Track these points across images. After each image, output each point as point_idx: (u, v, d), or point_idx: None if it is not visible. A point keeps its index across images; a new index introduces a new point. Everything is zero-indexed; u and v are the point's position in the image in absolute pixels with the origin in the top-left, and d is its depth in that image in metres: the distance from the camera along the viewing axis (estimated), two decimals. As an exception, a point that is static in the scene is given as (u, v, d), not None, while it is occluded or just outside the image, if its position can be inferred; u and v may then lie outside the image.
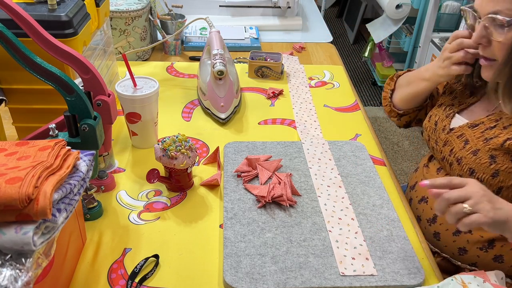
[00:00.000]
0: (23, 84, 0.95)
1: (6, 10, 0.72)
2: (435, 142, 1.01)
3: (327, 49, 1.66)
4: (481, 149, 0.88)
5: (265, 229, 0.86)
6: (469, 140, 0.91)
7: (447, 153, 0.96)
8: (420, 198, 1.02)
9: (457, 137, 0.94)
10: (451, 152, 0.94)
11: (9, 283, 0.53)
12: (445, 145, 0.97)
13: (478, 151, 0.89)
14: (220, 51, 1.22)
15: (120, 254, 0.81)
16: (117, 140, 1.10)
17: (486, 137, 0.89)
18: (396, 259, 0.81)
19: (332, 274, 0.77)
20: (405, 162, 2.54)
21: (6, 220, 0.56)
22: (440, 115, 1.02)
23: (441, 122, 1.00)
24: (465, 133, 0.93)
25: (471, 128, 0.93)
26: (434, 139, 1.01)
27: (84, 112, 0.75)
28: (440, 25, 2.63)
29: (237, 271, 0.77)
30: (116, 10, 1.37)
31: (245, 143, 1.09)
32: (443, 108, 1.03)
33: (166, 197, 0.94)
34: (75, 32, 0.90)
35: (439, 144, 0.99)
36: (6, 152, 0.65)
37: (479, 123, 0.92)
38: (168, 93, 1.30)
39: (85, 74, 0.79)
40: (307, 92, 1.34)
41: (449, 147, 0.96)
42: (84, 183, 0.68)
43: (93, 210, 0.87)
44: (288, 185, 0.94)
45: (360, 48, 3.83)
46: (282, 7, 1.78)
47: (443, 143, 0.98)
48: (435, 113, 1.04)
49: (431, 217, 0.99)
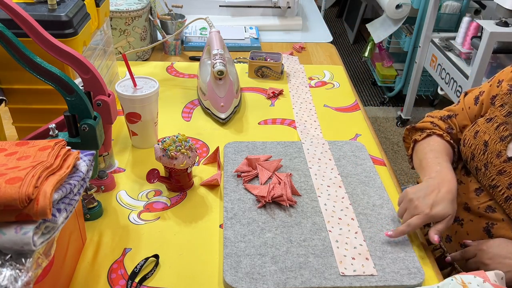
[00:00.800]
0: (23, 84, 0.95)
1: (6, 10, 0.72)
2: (484, 166, 0.88)
3: (327, 49, 1.66)
4: None
5: (265, 229, 0.86)
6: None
7: (503, 185, 0.84)
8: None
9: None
10: (511, 185, 0.83)
11: (9, 283, 0.53)
12: (501, 174, 0.85)
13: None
14: (220, 51, 1.22)
15: (120, 254, 0.81)
16: (117, 140, 1.10)
17: None
18: (396, 259, 0.81)
19: (332, 274, 0.77)
20: (405, 162, 2.54)
21: (6, 220, 0.56)
22: (491, 135, 0.88)
23: (493, 145, 0.87)
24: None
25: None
26: (482, 162, 0.89)
27: (84, 112, 0.75)
28: (440, 25, 2.63)
29: (237, 271, 0.77)
30: (116, 10, 1.37)
31: (245, 143, 1.09)
32: (494, 125, 0.89)
33: (166, 197, 0.94)
34: (75, 32, 0.90)
35: (490, 170, 0.87)
36: (6, 152, 0.65)
37: None
38: (168, 93, 1.30)
39: (85, 74, 0.79)
40: (307, 92, 1.34)
41: (507, 178, 0.84)
42: (84, 183, 0.68)
43: (93, 210, 0.87)
44: (288, 185, 0.94)
45: (360, 48, 3.83)
46: (282, 7, 1.78)
47: (497, 171, 0.86)
48: (483, 129, 0.91)
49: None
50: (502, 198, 0.85)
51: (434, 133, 0.99)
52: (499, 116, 0.89)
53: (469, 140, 0.93)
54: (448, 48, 2.39)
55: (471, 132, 0.94)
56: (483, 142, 0.89)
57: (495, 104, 0.91)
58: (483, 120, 0.92)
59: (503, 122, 0.88)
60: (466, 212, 0.92)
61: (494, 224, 0.87)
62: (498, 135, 0.88)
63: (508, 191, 0.84)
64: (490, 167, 0.87)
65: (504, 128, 0.87)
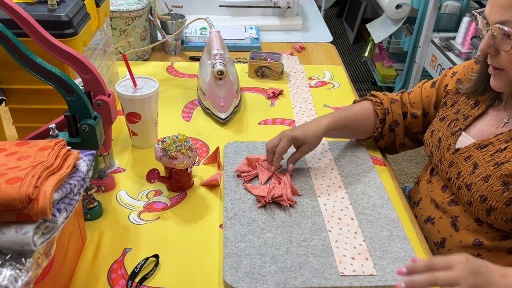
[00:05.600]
0: (23, 84, 0.95)
1: (6, 10, 0.72)
2: (439, 161, 0.95)
3: (327, 49, 1.66)
4: (492, 175, 0.82)
5: (265, 229, 0.86)
6: (478, 164, 0.85)
7: (454, 176, 0.90)
8: (426, 218, 0.97)
9: (464, 159, 0.88)
10: (459, 175, 0.88)
11: (9, 283, 0.53)
12: (451, 166, 0.91)
13: (489, 177, 0.83)
14: (220, 51, 1.22)
15: (120, 254, 0.81)
16: (117, 140, 1.10)
17: (497, 161, 0.83)
18: (396, 259, 0.81)
19: (332, 274, 0.77)
20: (405, 162, 2.54)
21: (6, 220, 0.56)
22: (444, 132, 0.95)
23: (445, 140, 0.94)
24: (473, 155, 0.87)
25: (479, 150, 0.86)
26: (438, 157, 0.95)
27: (84, 112, 0.75)
28: (440, 25, 2.63)
29: (237, 271, 0.77)
30: (116, 10, 1.37)
31: (245, 143, 1.09)
32: (447, 123, 0.96)
33: (166, 197, 0.94)
34: (75, 32, 0.90)
35: (444, 164, 0.93)
36: (6, 152, 0.65)
37: (487, 144, 0.86)
38: (168, 93, 1.30)
39: (85, 74, 0.79)
40: (307, 92, 1.34)
41: (456, 169, 0.89)
42: (84, 183, 0.68)
43: (93, 210, 0.87)
44: (288, 185, 0.94)
45: (360, 48, 3.83)
46: (282, 7, 1.78)
47: (448, 163, 0.92)
48: (437, 128, 0.97)
49: (438, 241, 0.93)
50: (455, 188, 0.90)
51: (369, 100, 1.09)
52: (450, 115, 0.96)
53: (427, 139, 1.00)
54: (448, 48, 2.39)
55: (428, 132, 1.01)
56: (437, 139, 0.96)
57: (446, 104, 0.99)
58: (437, 120, 0.99)
59: (454, 119, 0.95)
60: (436, 210, 0.95)
61: (458, 217, 0.90)
62: (450, 131, 0.94)
63: (458, 181, 0.88)
64: (444, 162, 0.93)
65: (455, 124, 0.94)
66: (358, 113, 1.06)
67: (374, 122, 1.07)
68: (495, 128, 0.88)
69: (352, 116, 1.05)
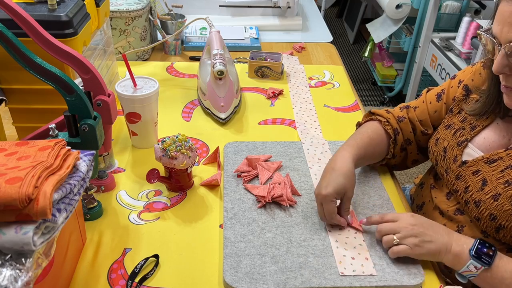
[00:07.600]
0: (23, 84, 0.95)
1: (6, 10, 0.72)
2: (445, 171, 0.91)
3: (327, 49, 1.66)
4: (503, 194, 0.79)
5: (265, 229, 0.86)
6: (488, 180, 0.82)
7: (461, 189, 0.86)
8: None
9: (472, 173, 0.84)
10: (467, 190, 0.84)
11: (9, 283, 0.53)
12: (458, 179, 0.87)
13: (499, 195, 0.79)
14: (220, 51, 1.22)
15: (120, 254, 0.81)
16: (117, 140, 1.10)
17: (507, 179, 0.79)
18: (396, 259, 0.81)
19: (332, 274, 0.77)
20: (405, 162, 2.54)
21: (6, 220, 0.56)
22: (449, 141, 0.91)
23: (451, 151, 0.90)
24: (481, 170, 0.83)
25: (488, 164, 0.83)
26: (444, 168, 0.91)
27: (84, 112, 0.75)
28: (440, 25, 2.63)
29: (237, 271, 0.77)
30: (116, 10, 1.37)
31: (245, 143, 1.09)
32: (452, 131, 0.91)
33: (166, 197, 0.94)
34: (75, 32, 0.90)
35: (450, 175, 0.89)
36: (6, 152, 0.65)
37: (496, 159, 0.82)
38: (168, 93, 1.30)
39: (85, 74, 0.79)
40: (307, 92, 1.34)
41: (463, 182, 0.86)
42: (84, 183, 0.68)
43: (93, 210, 0.87)
44: (288, 185, 0.94)
45: (360, 48, 3.83)
46: (282, 7, 1.78)
47: (455, 176, 0.88)
48: (442, 136, 0.93)
49: None
50: (462, 201, 0.86)
51: (376, 120, 1.02)
52: (456, 123, 0.92)
53: (432, 147, 0.96)
54: (448, 48, 2.39)
55: (433, 139, 0.97)
56: (442, 148, 0.92)
57: (453, 111, 0.94)
58: (443, 127, 0.95)
59: (459, 128, 0.91)
60: (440, 216, 0.92)
61: (463, 227, 0.87)
62: (455, 141, 0.90)
63: (465, 195, 0.85)
64: (450, 173, 0.90)
65: (460, 134, 0.90)
66: (371, 137, 0.98)
67: (388, 143, 1.00)
68: (507, 140, 0.84)
69: (367, 141, 0.97)
